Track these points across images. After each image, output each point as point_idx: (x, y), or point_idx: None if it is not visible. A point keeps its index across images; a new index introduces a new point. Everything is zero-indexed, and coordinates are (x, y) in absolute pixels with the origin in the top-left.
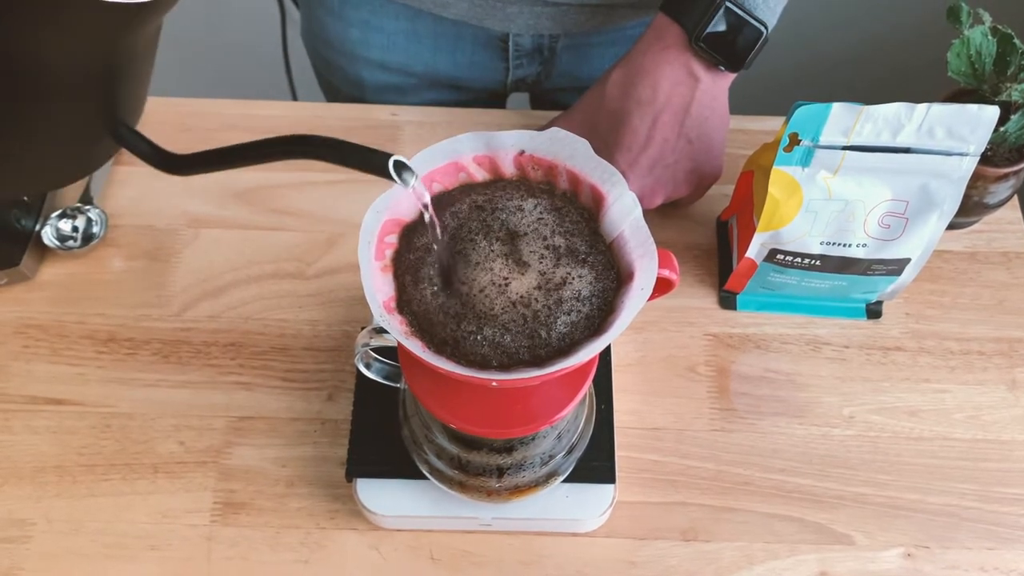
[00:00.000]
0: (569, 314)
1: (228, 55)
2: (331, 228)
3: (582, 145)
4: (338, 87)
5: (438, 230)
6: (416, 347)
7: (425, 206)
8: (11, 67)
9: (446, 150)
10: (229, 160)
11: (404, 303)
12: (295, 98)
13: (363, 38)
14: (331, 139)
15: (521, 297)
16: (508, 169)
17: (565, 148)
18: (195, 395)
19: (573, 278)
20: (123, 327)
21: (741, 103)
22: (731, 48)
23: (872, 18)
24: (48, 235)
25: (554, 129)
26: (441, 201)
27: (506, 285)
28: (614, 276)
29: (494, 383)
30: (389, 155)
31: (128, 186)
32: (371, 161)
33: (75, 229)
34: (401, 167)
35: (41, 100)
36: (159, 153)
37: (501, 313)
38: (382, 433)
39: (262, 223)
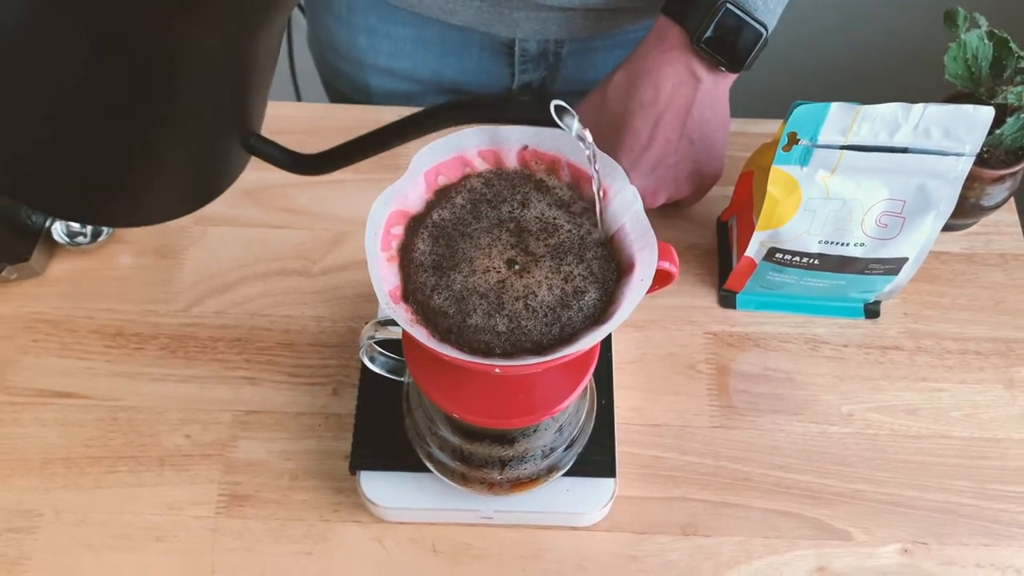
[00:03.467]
0: (571, 305)
1: None
2: (336, 226)
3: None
4: (345, 94)
5: (597, 168)
6: (421, 335)
7: (587, 143)
8: (151, 74)
9: (451, 144)
10: (360, 151)
11: (409, 292)
12: (299, 100)
13: (370, 45)
14: (485, 97)
15: (525, 287)
16: (512, 163)
17: (568, 143)
18: (201, 389)
19: (575, 269)
20: (131, 322)
21: (742, 106)
22: (732, 49)
23: (870, 22)
24: (58, 231)
25: None
26: (446, 192)
27: (510, 275)
28: (615, 268)
29: (497, 370)
30: (550, 99)
31: None
32: (533, 110)
33: (84, 225)
34: (562, 111)
35: (179, 109)
36: (292, 157)
37: (505, 302)
38: (385, 427)
39: (269, 221)
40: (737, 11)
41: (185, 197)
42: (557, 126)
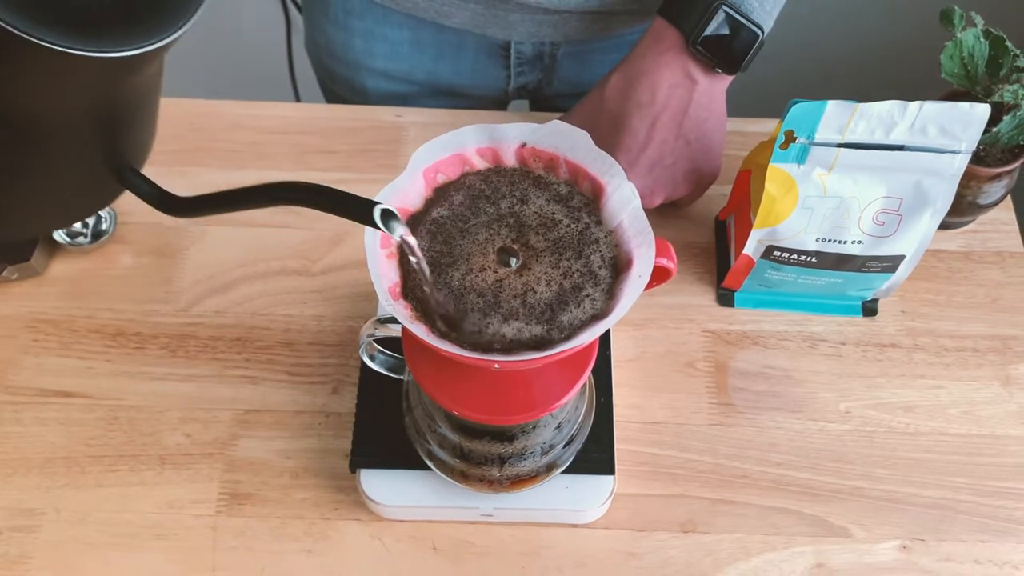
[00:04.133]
0: (569, 301)
1: (236, 61)
2: (336, 226)
3: (583, 137)
4: (342, 97)
5: (427, 273)
6: (421, 331)
7: (411, 249)
8: (11, 122)
9: (450, 142)
10: (223, 204)
11: (409, 289)
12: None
13: (366, 47)
14: (319, 186)
15: (524, 283)
16: (510, 161)
17: (566, 140)
18: (202, 388)
19: (574, 265)
20: (131, 322)
21: (739, 106)
22: (728, 51)
23: (867, 21)
24: (58, 232)
25: (555, 122)
26: (447, 188)
27: (508, 271)
28: (613, 264)
29: (496, 366)
30: (374, 203)
31: None
32: (356, 210)
33: (85, 226)
34: (388, 216)
35: (44, 151)
36: (161, 195)
37: (504, 298)
38: (385, 425)
39: (268, 221)
40: (733, 13)
41: (47, 219)
42: (382, 230)
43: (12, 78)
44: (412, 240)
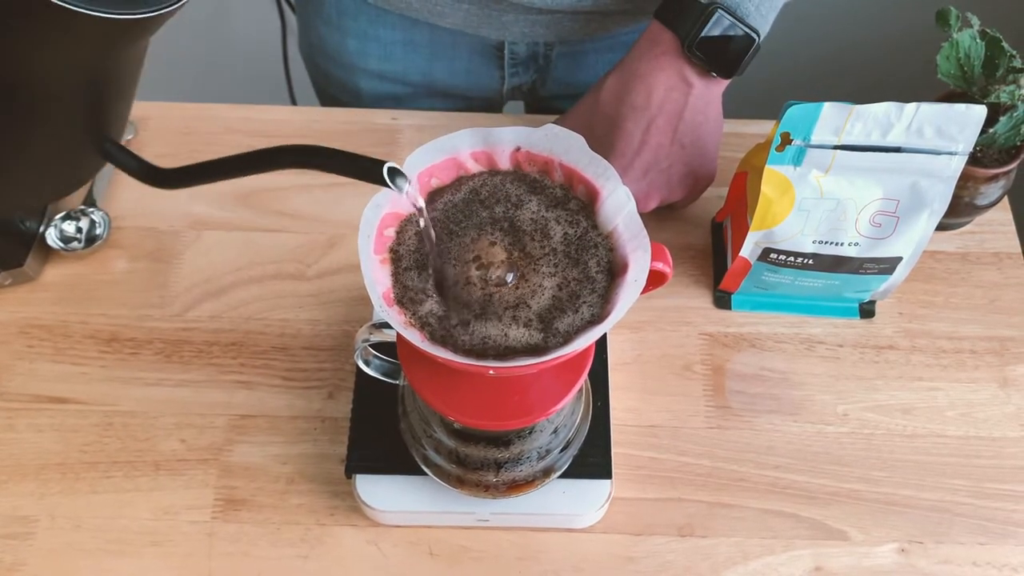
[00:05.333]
0: (565, 306)
1: (230, 64)
2: (331, 230)
3: (577, 141)
4: (336, 98)
5: (433, 235)
6: (415, 337)
7: (420, 210)
8: (10, 84)
9: (445, 146)
10: (217, 172)
11: (404, 291)
12: (294, 105)
13: (360, 48)
14: (323, 147)
15: (519, 288)
16: (505, 165)
17: (561, 144)
18: (196, 393)
19: (569, 270)
20: (126, 327)
21: (734, 107)
22: (724, 55)
23: (863, 22)
24: (52, 236)
25: (550, 125)
26: (441, 192)
27: (504, 275)
28: (609, 268)
29: (491, 371)
30: (383, 162)
31: (131, 188)
32: (364, 168)
33: (79, 231)
34: (395, 173)
35: (32, 116)
36: (147, 168)
37: (499, 303)
38: (381, 431)
39: (263, 225)
40: (729, 17)
41: (32, 192)
42: (390, 188)
43: (21, 33)
44: (421, 201)
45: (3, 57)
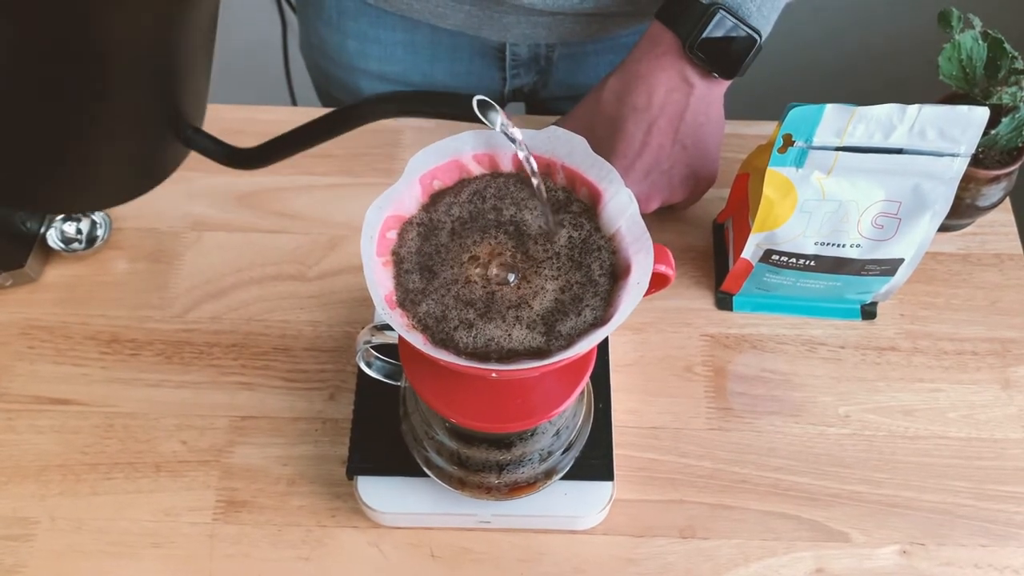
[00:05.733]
0: (567, 309)
1: (230, 64)
2: (332, 231)
3: (579, 143)
4: (337, 99)
5: (534, 165)
6: (417, 340)
7: (516, 142)
8: (75, 64)
9: (447, 148)
10: (299, 142)
11: (407, 295)
12: (295, 105)
13: (361, 49)
14: (410, 92)
15: (521, 290)
16: (507, 167)
17: (563, 146)
18: (197, 395)
19: (572, 273)
20: (126, 328)
21: (736, 108)
22: (725, 55)
23: (865, 23)
24: (53, 238)
25: (552, 127)
26: (444, 195)
27: (506, 278)
28: (612, 271)
29: (494, 374)
30: (472, 95)
31: None
32: (452, 104)
33: (79, 232)
34: (486, 107)
35: (106, 98)
36: (230, 151)
37: (501, 306)
38: (383, 432)
39: (264, 226)
40: (731, 18)
41: (120, 186)
42: (482, 122)
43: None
44: (517, 132)
45: (79, 25)
